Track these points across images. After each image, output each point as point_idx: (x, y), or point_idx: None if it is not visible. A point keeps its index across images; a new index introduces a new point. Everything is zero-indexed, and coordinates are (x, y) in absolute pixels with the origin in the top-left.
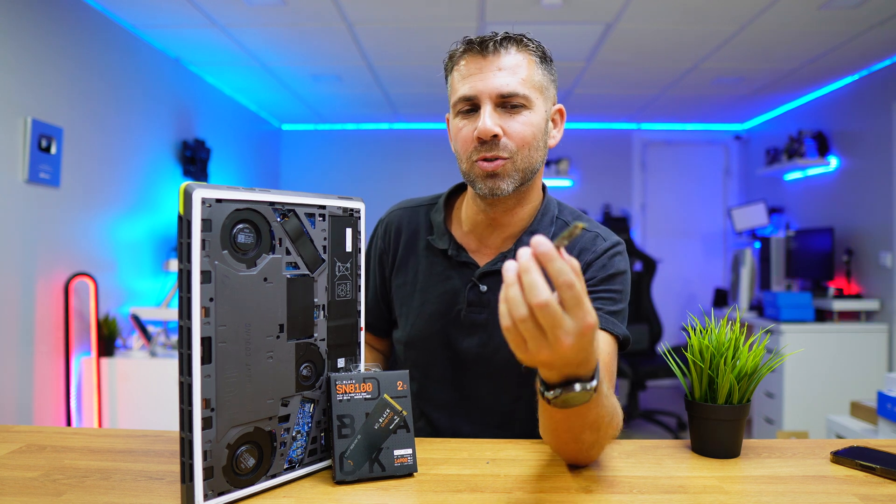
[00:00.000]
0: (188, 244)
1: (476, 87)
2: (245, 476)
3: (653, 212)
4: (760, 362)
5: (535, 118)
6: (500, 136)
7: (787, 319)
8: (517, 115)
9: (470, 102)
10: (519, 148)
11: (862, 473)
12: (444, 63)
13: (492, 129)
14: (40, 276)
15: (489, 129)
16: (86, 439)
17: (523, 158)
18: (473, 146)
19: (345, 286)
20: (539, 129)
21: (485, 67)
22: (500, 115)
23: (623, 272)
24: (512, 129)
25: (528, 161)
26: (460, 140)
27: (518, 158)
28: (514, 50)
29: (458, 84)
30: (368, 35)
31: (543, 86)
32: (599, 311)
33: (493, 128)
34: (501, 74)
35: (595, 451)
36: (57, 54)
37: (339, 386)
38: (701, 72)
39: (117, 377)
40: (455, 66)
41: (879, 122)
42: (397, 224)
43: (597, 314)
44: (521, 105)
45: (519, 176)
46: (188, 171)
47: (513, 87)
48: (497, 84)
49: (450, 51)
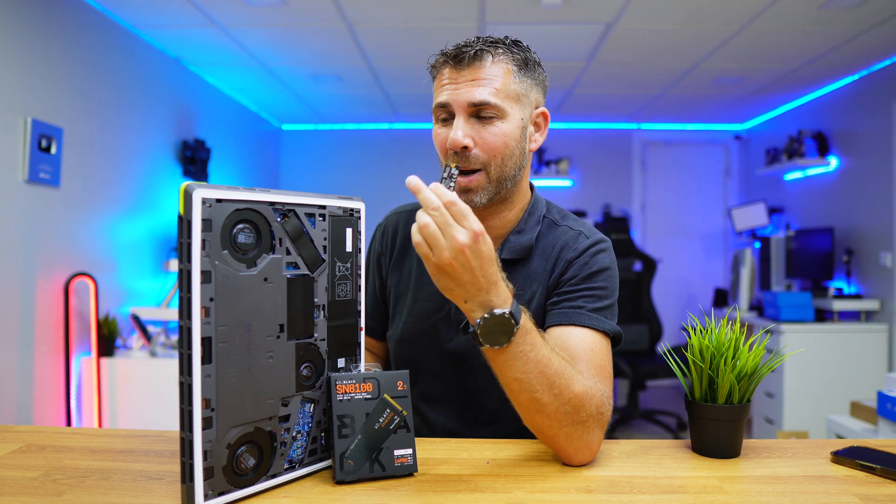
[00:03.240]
0: (188, 244)
1: (450, 97)
2: (245, 476)
3: (653, 212)
4: (760, 362)
5: (507, 127)
6: (471, 147)
7: (787, 319)
8: (489, 126)
9: (445, 110)
10: (491, 157)
11: (862, 473)
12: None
13: (461, 141)
14: (40, 276)
15: (458, 141)
16: (86, 439)
17: (496, 167)
18: (449, 155)
19: (345, 286)
20: (512, 137)
21: (459, 78)
22: (473, 125)
23: (606, 268)
24: (483, 139)
25: (501, 170)
26: (438, 145)
27: (491, 168)
28: (490, 61)
29: (436, 92)
30: (368, 35)
31: (520, 93)
32: (582, 309)
33: (462, 140)
34: (474, 85)
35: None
36: (57, 54)
37: (339, 386)
38: (701, 72)
39: (117, 377)
40: (437, 74)
41: (879, 122)
42: (394, 227)
43: (579, 312)
44: (494, 115)
45: (493, 187)
46: (188, 171)
47: (484, 97)
48: (469, 95)
49: (431, 60)
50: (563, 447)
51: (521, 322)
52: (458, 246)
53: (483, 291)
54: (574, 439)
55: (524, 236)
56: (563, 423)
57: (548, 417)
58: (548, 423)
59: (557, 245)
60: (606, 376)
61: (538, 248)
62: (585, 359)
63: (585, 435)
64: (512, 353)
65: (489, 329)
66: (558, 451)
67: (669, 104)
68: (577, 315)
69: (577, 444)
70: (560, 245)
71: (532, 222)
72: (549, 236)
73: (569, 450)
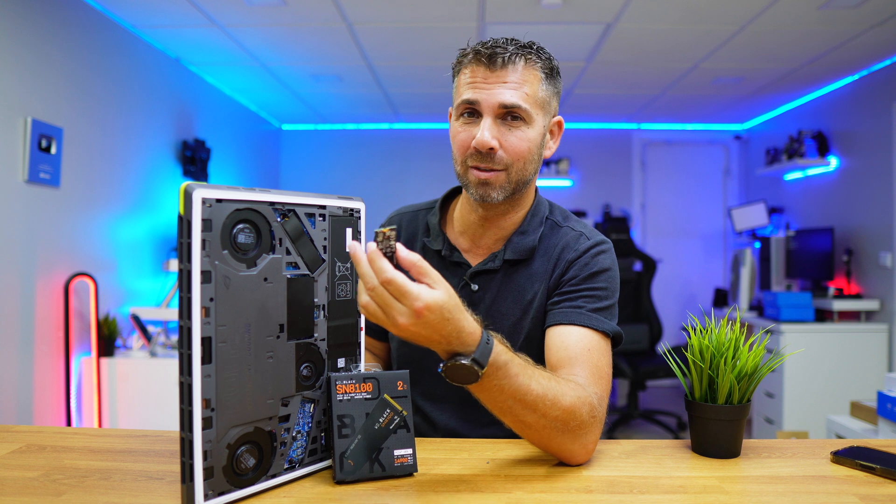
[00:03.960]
0: (188, 244)
1: (480, 96)
2: (245, 476)
3: (653, 212)
4: (760, 362)
5: (532, 133)
6: (497, 149)
7: (787, 319)
8: (515, 130)
9: (472, 108)
10: (514, 161)
11: (862, 473)
12: (452, 64)
13: (489, 143)
14: (40, 276)
15: (486, 142)
16: (86, 439)
17: (517, 171)
18: (469, 153)
19: (345, 286)
20: (535, 143)
21: (491, 78)
22: (499, 126)
23: (607, 269)
24: (509, 142)
25: (521, 173)
26: (457, 143)
27: (512, 171)
28: (522, 66)
29: (463, 88)
30: (368, 35)
31: (545, 101)
32: (581, 309)
33: (490, 141)
34: (506, 88)
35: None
36: (57, 54)
37: (339, 386)
38: (701, 72)
39: (117, 377)
40: (462, 70)
41: (879, 122)
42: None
43: (578, 311)
44: (521, 119)
45: (511, 187)
46: (188, 171)
47: (515, 100)
48: (500, 97)
49: (460, 52)
50: (558, 452)
51: (491, 360)
52: (402, 325)
53: (443, 343)
54: (568, 444)
55: (527, 237)
56: (553, 435)
57: (537, 433)
58: (538, 437)
59: (559, 246)
60: (602, 377)
61: (540, 249)
62: (582, 359)
63: (580, 439)
64: (484, 388)
65: (454, 374)
66: (555, 456)
67: (669, 104)
68: (576, 315)
69: (572, 448)
70: (561, 246)
71: (535, 223)
72: (552, 237)
73: (564, 454)
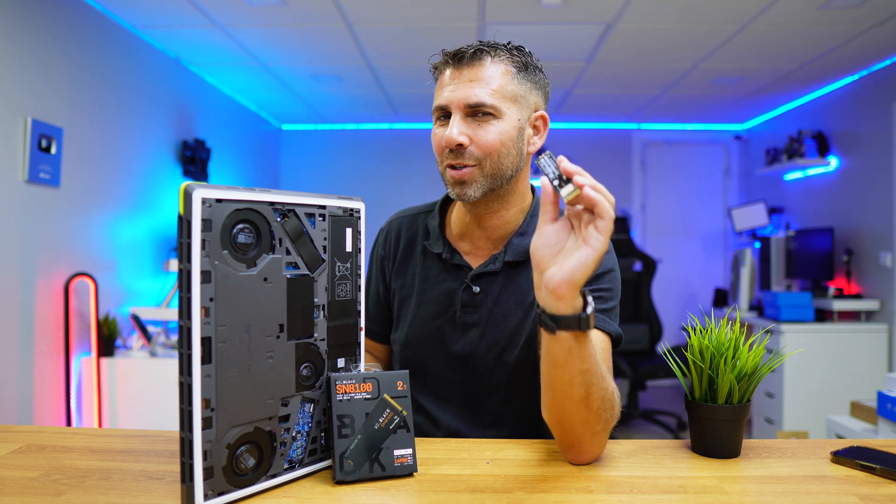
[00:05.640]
0: (188, 244)
1: (448, 98)
2: (245, 476)
3: (653, 212)
4: (760, 362)
5: (504, 127)
6: (466, 144)
7: (787, 319)
8: (485, 125)
9: (443, 111)
10: (486, 155)
11: (862, 473)
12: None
13: (456, 139)
14: (40, 276)
15: (453, 139)
16: (86, 439)
17: (492, 164)
18: (445, 153)
19: (345, 286)
20: (508, 136)
21: (458, 78)
22: (470, 123)
23: (610, 270)
24: (479, 136)
25: (496, 167)
26: (435, 145)
27: (486, 165)
28: (489, 61)
29: (436, 94)
30: (368, 35)
31: (518, 95)
32: None
33: (457, 137)
34: (472, 86)
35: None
36: (57, 54)
37: (339, 386)
38: (701, 72)
39: (117, 377)
40: (437, 76)
41: (879, 122)
42: (396, 231)
43: None
44: (490, 114)
45: (487, 182)
46: (188, 171)
47: (480, 97)
48: (465, 95)
49: (432, 60)
50: (584, 445)
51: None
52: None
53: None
54: (597, 439)
55: (527, 238)
56: (597, 422)
57: (592, 413)
58: (584, 418)
59: None
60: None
61: None
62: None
63: (604, 435)
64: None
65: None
66: (575, 448)
67: (669, 104)
68: None
69: (597, 443)
70: None
71: (535, 224)
72: None
73: (586, 446)
